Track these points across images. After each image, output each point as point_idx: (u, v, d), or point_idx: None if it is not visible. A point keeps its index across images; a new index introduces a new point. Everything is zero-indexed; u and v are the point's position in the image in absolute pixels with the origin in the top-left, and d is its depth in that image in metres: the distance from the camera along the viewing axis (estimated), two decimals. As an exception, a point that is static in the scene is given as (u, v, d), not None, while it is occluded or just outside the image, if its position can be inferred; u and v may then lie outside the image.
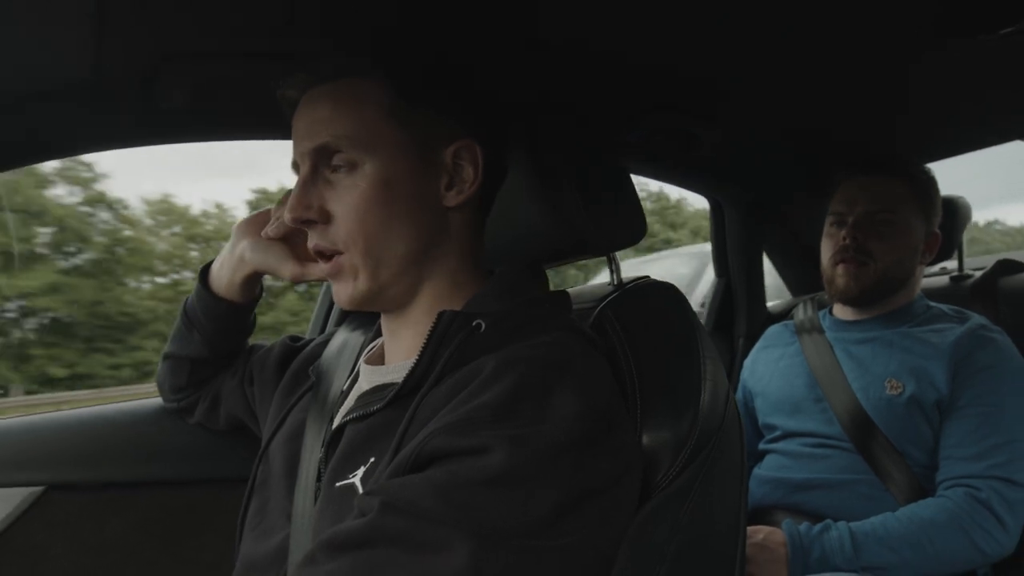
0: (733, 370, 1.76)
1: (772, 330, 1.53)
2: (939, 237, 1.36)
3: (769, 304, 1.88)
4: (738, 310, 1.83)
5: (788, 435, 1.33)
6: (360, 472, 0.65)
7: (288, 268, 0.86)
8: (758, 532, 1.11)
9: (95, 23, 0.75)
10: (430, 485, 0.55)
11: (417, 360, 0.67)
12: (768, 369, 1.44)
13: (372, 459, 0.65)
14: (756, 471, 1.33)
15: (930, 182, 1.35)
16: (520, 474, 0.54)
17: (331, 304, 1.39)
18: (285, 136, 0.77)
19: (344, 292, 0.72)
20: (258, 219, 0.92)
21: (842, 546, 1.08)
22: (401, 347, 0.75)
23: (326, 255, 0.72)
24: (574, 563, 0.57)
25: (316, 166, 0.71)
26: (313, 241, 0.72)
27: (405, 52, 0.74)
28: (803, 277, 1.88)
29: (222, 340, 0.99)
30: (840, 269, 1.32)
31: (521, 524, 0.54)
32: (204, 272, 0.97)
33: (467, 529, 0.52)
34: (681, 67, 1.07)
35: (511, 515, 0.53)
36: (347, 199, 0.69)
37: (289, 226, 0.80)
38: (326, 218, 0.70)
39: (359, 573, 0.53)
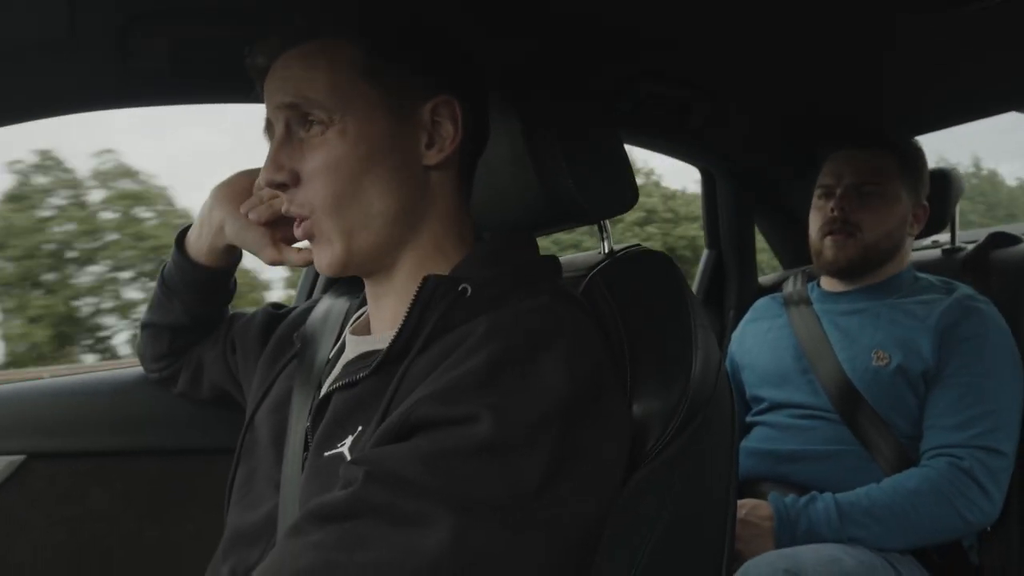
0: (723, 343, 1.76)
1: (760, 303, 1.53)
2: (927, 209, 1.37)
3: (760, 277, 1.88)
4: (729, 282, 1.83)
5: (775, 407, 1.33)
6: (348, 441, 0.64)
7: (267, 253, 0.84)
8: (741, 507, 1.11)
9: None
10: (414, 455, 0.54)
11: (402, 325, 0.65)
12: (756, 341, 1.44)
13: (360, 428, 0.64)
14: (743, 444, 1.33)
15: (917, 154, 1.36)
16: (505, 443, 0.53)
17: (317, 272, 1.37)
18: (261, 100, 0.73)
19: (323, 257, 0.70)
20: (237, 188, 0.87)
21: (828, 517, 1.08)
22: (386, 315, 0.73)
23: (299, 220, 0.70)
24: (559, 534, 0.56)
25: (290, 126, 0.68)
26: (286, 206, 0.70)
27: (378, 10, 0.71)
28: (794, 250, 1.88)
29: (202, 306, 0.97)
30: (828, 241, 1.32)
31: (506, 495, 0.53)
32: (180, 239, 0.95)
33: (450, 502, 0.52)
34: (671, 34, 1.05)
35: (495, 486, 0.53)
36: (317, 158, 0.67)
37: (276, 212, 0.79)
38: (296, 180, 0.68)
39: (344, 544, 0.52)
